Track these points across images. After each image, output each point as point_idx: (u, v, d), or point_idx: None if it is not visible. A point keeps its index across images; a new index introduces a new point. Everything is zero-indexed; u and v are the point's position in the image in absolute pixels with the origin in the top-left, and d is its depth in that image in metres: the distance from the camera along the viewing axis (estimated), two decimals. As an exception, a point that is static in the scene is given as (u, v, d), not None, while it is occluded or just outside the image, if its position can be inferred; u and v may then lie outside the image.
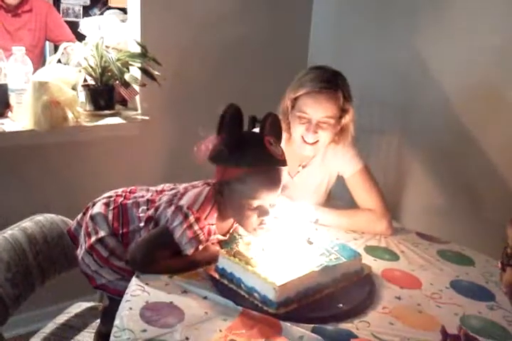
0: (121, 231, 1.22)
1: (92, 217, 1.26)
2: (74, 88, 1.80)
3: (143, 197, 1.26)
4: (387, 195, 1.61)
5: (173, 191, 1.25)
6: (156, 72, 1.89)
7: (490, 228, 1.81)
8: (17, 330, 1.76)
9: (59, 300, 1.48)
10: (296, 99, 1.49)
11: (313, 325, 1.00)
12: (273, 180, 1.14)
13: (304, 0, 2.51)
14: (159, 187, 1.31)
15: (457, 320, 1.08)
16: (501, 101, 1.86)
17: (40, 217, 1.35)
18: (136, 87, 1.96)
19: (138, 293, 1.08)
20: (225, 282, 1.12)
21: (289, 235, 1.19)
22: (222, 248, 1.20)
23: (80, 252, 1.26)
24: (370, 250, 1.38)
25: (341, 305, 1.08)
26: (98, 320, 1.38)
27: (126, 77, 1.88)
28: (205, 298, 1.08)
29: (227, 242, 1.15)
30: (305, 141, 1.49)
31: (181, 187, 1.26)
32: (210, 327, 0.98)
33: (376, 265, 1.29)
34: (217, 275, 1.14)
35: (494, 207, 1.87)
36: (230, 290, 1.11)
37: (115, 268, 1.23)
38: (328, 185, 1.65)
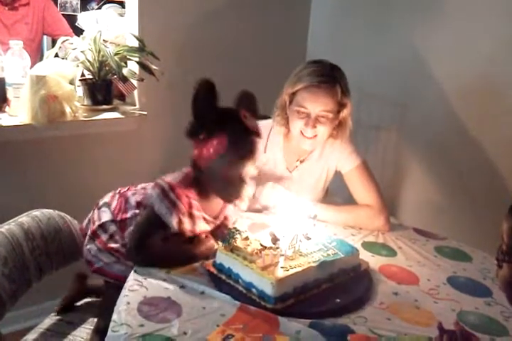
0: (119, 218, 1.27)
1: (98, 206, 1.34)
2: (72, 82, 1.79)
3: (142, 187, 1.32)
4: (384, 190, 1.61)
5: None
6: (154, 67, 1.88)
7: (487, 224, 1.82)
8: (14, 326, 1.76)
9: (56, 296, 1.47)
10: (294, 93, 1.48)
11: (310, 320, 1.00)
12: (250, 151, 1.18)
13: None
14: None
15: (454, 316, 1.09)
16: (499, 98, 1.86)
17: (37, 212, 1.35)
18: (134, 82, 1.95)
19: (136, 287, 1.08)
20: (223, 277, 1.12)
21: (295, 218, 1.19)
22: (219, 243, 1.20)
23: (85, 240, 1.32)
24: (368, 246, 1.38)
25: (338, 300, 1.08)
26: (94, 317, 1.37)
27: (124, 71, 1.87)
28: (203, 292, 1.08)
29: (225, 238, 1.15)
30: (304, 136, 1.49)
31: None
32: (208, 322, 0.98)
33: (373, 261, 1.29)
34: (215, 271, 1.14)
35: (491, 204, 1.87)
36: (227, 285, 1.11)
37: (112, 251, 1.27)
38: (326, 181, 1.65)
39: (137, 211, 1.26)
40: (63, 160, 1.95)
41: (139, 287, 1.08)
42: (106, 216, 1.29)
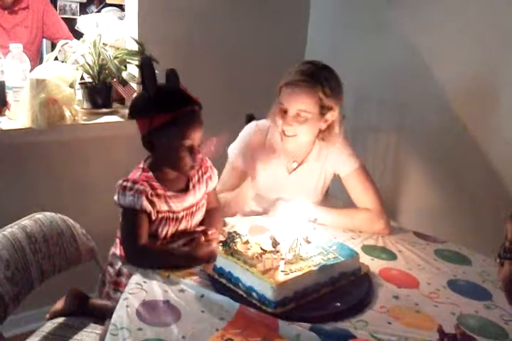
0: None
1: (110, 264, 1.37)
2: (71, 86, 1.79)
3: None
4: (384, 193, 1.61)
5: None
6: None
7: (487, 227, 1.82)
8: (16, 329, 1.76)
9: (58, 300, 1.47)
10: (280, 91, 1.49)
11: (310, 324, 1.00)
12: (198, 119, 1.24)
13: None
14: None
15: (454, 320, 1.08)
16: (497, 99, 1.86)
17: (39, 215, 1.35)
18: (134, 85, 1.95)
19: (136, 291, 1.08)
20: (224, 281, 1.12)
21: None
22: (219, 247, 1.20)
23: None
24: (368, 249, 1.38)
25: (339, 304, 1.08)
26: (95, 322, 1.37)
27: (124, 74, 1.87)
28: (202, 296, 1.08)
29: (226, 241, 1.15)
30: (284, 134, 1.49)
31: None
32: (207, 326, 0.98)
33: (373, 264, 1.29)
34: (215, 275, 1.14)
35: (492, 207, 1.88)
36: (228, 289, 1.11)
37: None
38: (324, 184, 1.65)
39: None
40: (63, 164, 1.95)
41: (139, 290, 1.08)
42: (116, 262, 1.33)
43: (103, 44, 1.88)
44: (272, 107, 1.54)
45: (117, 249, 1.33)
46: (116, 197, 1.22)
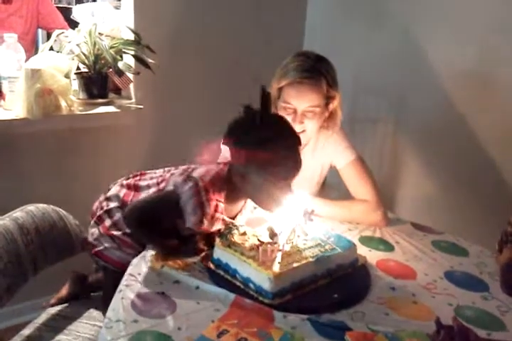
0: (129, 201, 1.29)
1: (107, 198, 1.35)
2: (67, 76, 1.77)
3: (154, 175, 1.33)
4: (382, 185, 1.60)
5: (184, 167, 1.27)
6: (150, 60, 1.86)
7: (484, 218, 1.83)
8: (10, 321, 1.76)
9: (52, 291, 1.47)
10: (280, 89, 1.47)
11: (307, 316, 1.00)
12: (296, 159, 1.12)
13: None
14: (166, 169, 1.34)
15: (451, 311, 1.08)
16: (494, 89, 1.85)
17: (31, 207, 1.34)
18: (130, 75, 1.93)
19: (131, 282, 1.07)
20: (221, 273, 1.12)
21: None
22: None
23: (91, 222, 1.36)
24: (365, 240, 1.38)
25: (336, 295, 1.08)
26: (91, 310, 1.37)
27: (120, 65, 1.85)
28: (197, 288, 1.08)
29: (223, 233, 1.14)
30: None
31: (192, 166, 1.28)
32: (203, 318, 0.97)
33: (371, 255, 1.29)
34: (212, 266, 1.14)
35: (488, 197, 1.87)
36: (225, 280, 1.10)
37: (114, 237, 1.29)
38: (321, 175, 1.64)
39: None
40: (59, 154, 1.94)
41: (134, 282, 1.08)
42: (114, 202, 1.32)
43: (99, 33, 1.85)
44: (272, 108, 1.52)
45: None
46: (181, 183, 1.15)
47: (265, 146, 1.08)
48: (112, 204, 1.32)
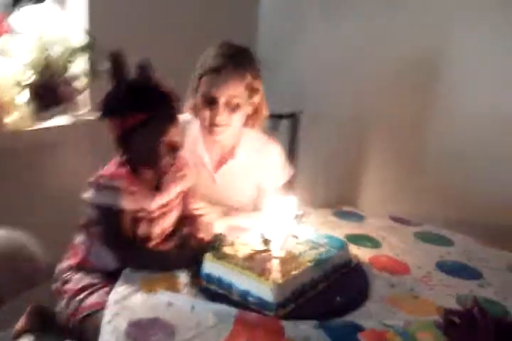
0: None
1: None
2: (15, 86, 1.60)
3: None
4: (349, 182, 1.58)
5: None
6: (104, 65, 1.72)
7: (450, 202, 1.86)
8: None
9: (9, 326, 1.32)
10: (200, 78, 1.40)
11: (316, 322, 0.94)
12: (175, 115, 1.16)
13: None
14: None
15: (454, 301, 1.06)
16: (443, 82, 1.90)
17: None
18: (84, 82, 1.78)
19: (118, 310, 0.96)
20: (214, 288, 1.03)
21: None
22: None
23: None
24: (352, 238, 1.33)
25: (339, 298, 1.03)
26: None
27: (72, 72, 1.70)
28: (193, 308, 0.99)
29: (211, 245, 1.06)
30: (213, 123, 1.39)
31: None
32: (208, 340, 0.89)
33: (361, 253, 1.26)
34: (203, 282, 1.05)
35: (453, 184, 1.90)
36: (219, 296, 1.02)
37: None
38: (258, 189, 1.56)
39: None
40: (11, 173, 1.76)
41: (120, 310, 0.97)
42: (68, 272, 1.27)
43: (46, 39, 1.69)
44: (190, 100, 1.44)
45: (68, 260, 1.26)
46: (89, 196, 1.11)
47: (129, 108, 1.10)
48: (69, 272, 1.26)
